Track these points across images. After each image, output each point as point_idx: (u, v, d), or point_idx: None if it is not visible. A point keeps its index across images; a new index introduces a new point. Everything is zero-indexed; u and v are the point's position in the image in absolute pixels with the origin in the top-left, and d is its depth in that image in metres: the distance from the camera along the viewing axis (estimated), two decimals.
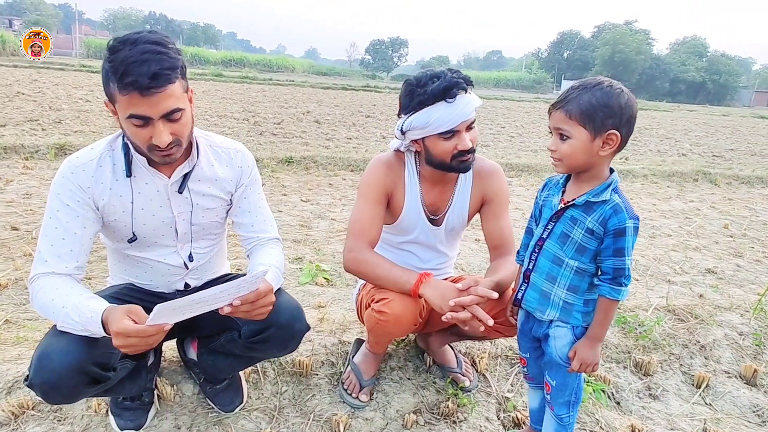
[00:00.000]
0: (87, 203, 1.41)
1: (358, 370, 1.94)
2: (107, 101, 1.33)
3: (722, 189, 7.36)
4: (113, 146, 1.47)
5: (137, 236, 1.52)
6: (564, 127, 1.29)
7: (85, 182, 1.40)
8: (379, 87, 30.81)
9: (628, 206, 1.29)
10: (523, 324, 1.55)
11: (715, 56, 76.10)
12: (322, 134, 9.66)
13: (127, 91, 1.23)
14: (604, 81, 1.27)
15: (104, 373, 1.34)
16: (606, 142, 1.27)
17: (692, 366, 2.35)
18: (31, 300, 1.35)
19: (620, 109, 1.25)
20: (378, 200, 1.76)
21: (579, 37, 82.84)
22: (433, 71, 1.66)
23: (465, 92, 1.62)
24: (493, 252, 1.83)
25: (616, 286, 1.31)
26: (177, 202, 1.53)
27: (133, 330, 1.16)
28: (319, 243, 3.77)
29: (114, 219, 1.48)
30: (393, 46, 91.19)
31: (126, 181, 1.45)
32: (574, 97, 1.27)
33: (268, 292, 1.34)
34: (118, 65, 1.23)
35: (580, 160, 1.31)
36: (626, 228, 1.27)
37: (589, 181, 1.34)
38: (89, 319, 1.24)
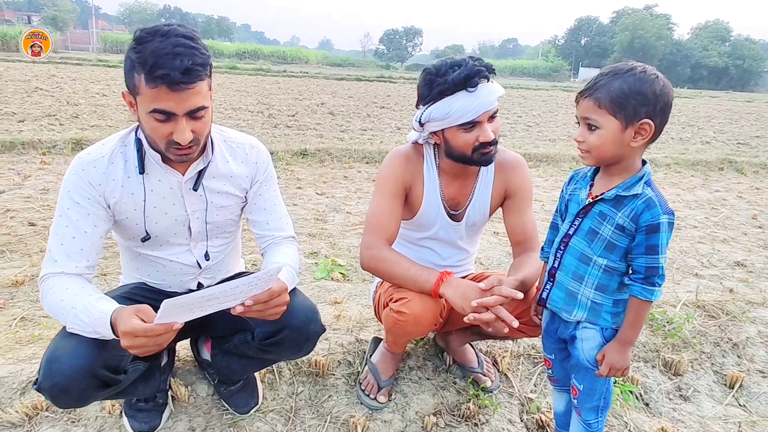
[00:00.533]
0: (98, 201, 1.37)
1: (375, 370, 1.89)
2: (126, 92, 1.29)
3: (749, 178, 7.13)
4: (125, 142, 1.43)
5: (150, 235, 1.48)
6: (592, 116, 1.20)
7: (96, 179, 1.36)
8: (393, 77, 30.62)
9: (662, 200, 1.20)
10: (548, 324, 1.47)
11: (739, 40, 74.09)
12: (336, 126, 9.59)
13: (156, 84, 1.19)
14: (637, 66, 1.17)
15: (114, 376, 1.30)
16: (638, 133, 1.18)
17: (724, 365, 2.25)
18: (42, 300, 1.32)
19: (655, 97, 1.15)
20: (396, 195, 1.69)
21: (597, 23, 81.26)
22: (453, 59, 1.57)
23: (487, 81, 1.53)
24: (515, 248, 1.75)
25: (649, 286, 1.22)
26: (191, 199, 1.48)
27: (141, 329, 1.11)
28: (335, 237, 3.71)
29: (125, 217, 1.43)
30: (407, 35, 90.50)
31: (138, 178, 1.41)
32: (604, 84, 1.17)
33: (282, 292, 1.28)
34: (148, 56, 1.18)
35: (610, 152, 1.22)
36: (660, 224, 1.18)
37: (619, 173, 1.25)
38: (98, 321, 1.19)
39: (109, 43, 44.74)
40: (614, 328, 1.32)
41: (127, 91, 1.29)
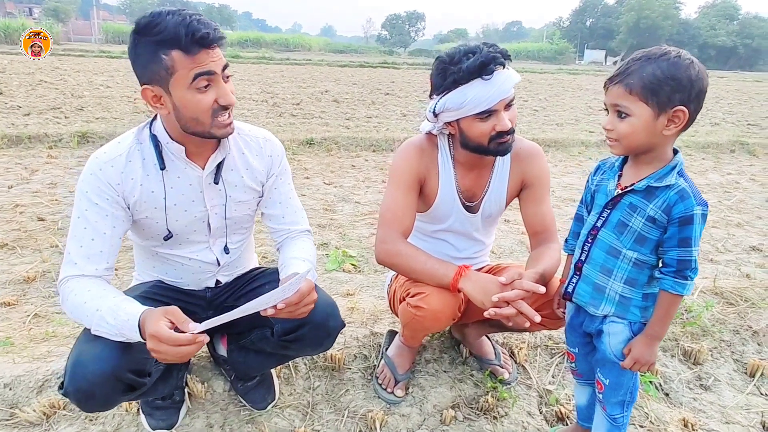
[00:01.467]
0: (117, 201, 1.35)
1: (392, 363, 1.87)
2: (150, 87, 1.26)
3: (761, 160, 7.03)
4: (140, 139, 1.40)
5: (172, 233, 1.46)
6: (623, 103, 1.15)
7: (114, 179, 1.33)
8: (396, 63, 30.35)
9: (695, 191, 1.16)
10: (572, 318, 1.44)
11: (747, 18, 72.73)
12: (341, 114, 9.52)
13: (196, 49, 1.21)
14: (671, 50, 1.11)
15: (140, 379, 1.29)
16: (671, 120, 1.13)
17: (744, 353, 2.21)
18: (62, 303, 1.30)
19: (690, 82, 1.10)
20: (410, 187, 1.65)
21: (603, 4, 79.99)
22: (467, 46, 1.52)
23: (503, 68, 1.48)
24: (533, 239, 1.71)
25: (681, 279, 1.18)
26: (210, 194, 1.46)
27: (167, 336, 1.10)
28: (345, 227, 3.69)
29: (145, 216, 1.41)
30: (410, 20, 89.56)
31: (157, 175, 1.39)
32: (636, 69, 1.12)
33: (311, 291, 1.27)
34: (176, 29, 1.18)
35: (641, 141, 1.17)
36: (694, 215, 1.14)
37: (650, 163, 1.20)
38: (125, 323, 1.17)
39: (111, 34, 44.50)
40: (643, 322, 1.29)
41: (150, 85, 1.25)
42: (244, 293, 1.61)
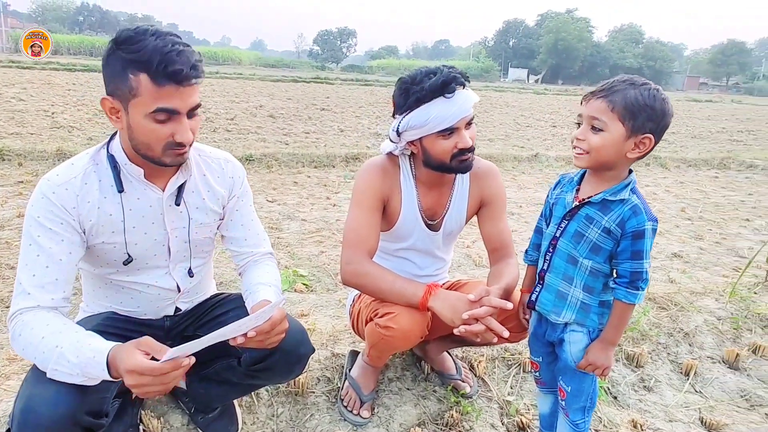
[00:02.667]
0: (72, 225, 1.26)
1: (357, 384, 1.85)
2: (111, 98, 1.20)
3: (672, 172, 7.68)
4: (96, 160, 1.32)
5: (132, 257, 1.37)
6: (602, 117, 1.22)
7: (69, 202, 1.25)
8: (330, 78, 30.44)
9: (646, 207, 1.26)
10: (536, 328, 1.50)
11: (651, 42, 79.83)
12: (278, 129, 9.41)
13: (164, 81, 1.14)
14: (650, 83, 1.22)
15: (98, 421, 1.19)
16: (638, 145, 1.22)
17: (679, 354, 2.39)
18: (13, 340, 1.17)
19: (662, 115, 1.20)
20: (374, 207, 1.66)
21: (524, 26, 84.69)
22: (427, 68, 1.58)
23: (462, 87, 1.55)
24: (492, 255, 1.77)
25: (633, 289, 1.27)
26: (171, 216, 1.40)
27: (148, 368, 1.02)
28: (293, 246, 3.63)
29: (102, 241, 1.32)
30: (341, 36, 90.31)
31: (115, 197, 1.31)
32: (620, 89, 1.21)
33: (283, 320, 1.24)
34: (152, 54, 1.12)
35: (607, 157, 1.25)
36: (645, 230, 1.24)
37: (608, 180, 1.29)
38: (90, 360, 1.08)
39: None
40: (600, 328, 1.37)
41: (112, 97, 1.19)
42: (207, 321, 1.55)
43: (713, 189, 6.64)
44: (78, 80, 16.98)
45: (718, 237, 4.48)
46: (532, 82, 63.55)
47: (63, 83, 15.29)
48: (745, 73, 79.39)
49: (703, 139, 12.36)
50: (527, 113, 16.64)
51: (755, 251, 4.06)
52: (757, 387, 2.21)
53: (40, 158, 5.57)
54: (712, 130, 14.69)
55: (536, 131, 11.99)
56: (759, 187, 6.92)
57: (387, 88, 26.48)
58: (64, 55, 41.26)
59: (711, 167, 8.20)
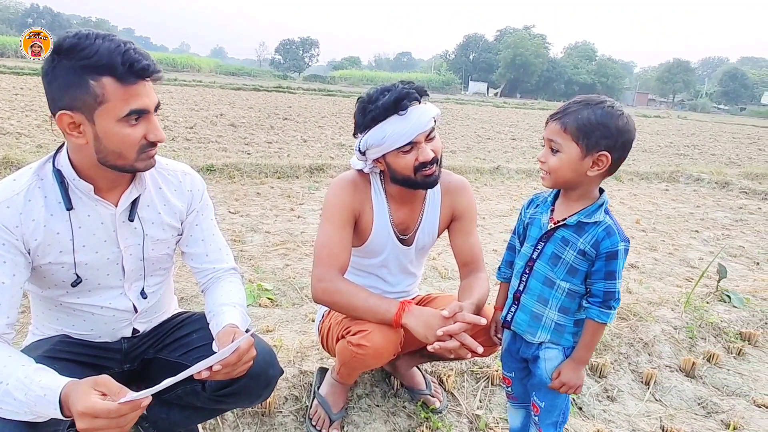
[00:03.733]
0: (15, 246, 1.17)
1: (326, 402, 1.81)
2: (69, 113, 1.12)
3: (626, 185, 7.97)
4: (41, 175, 1.23)
5: (81, 278, 1.29)
6: (557, 139, 1.26)
7: (12, 221, 1.16)
8: (291, 88, 30.30)
9: (619, 228, 1.28)
10: (509, 344, 1.51)
11: (603, 60, 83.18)
12: (239, 138, 9.25)
13: (133, 80, 1.11)
14: (607, 101, 1.24)
15: None
16: (596, 163, 1.25)
17: (639, 364, 2.46)
18: None
19: (617, 132, 1.22)
20: (345, 223, 1.64)
21: (483, 41, 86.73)
22: (384, 85, 1.58)
23: (418, 103, 1.54)
24: (463, 269, 1.77)
25: (606, 309, 1.30)
26: (124, 233, 1.32)
27: (104, 410, 0.95)
28: (257, 259, 3.55)
29: (49, 261, 1.24)
30: (304, 46, 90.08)
31: (63, 215, 1.23)
32: (574, 110, 1.23)
33: (250, 348, 1.19)
34: (109, 56, 1.08)
35: (567, 177, 1.28)
36: (618, 251, 1.26)
37: (578, 200, 1.32)
38: (41, 398, 1.00)
39: None
40: (575, 346, 1.38)
41: (70, 111, 1.12)
42: (169, 342, 1.48)
43: (664, 201, 6.93)
44: (26, 84, 16.25)
45: (670, 248, 4.67)
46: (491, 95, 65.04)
47: (9, 87, 14.60)
48: (690, 90, 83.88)
49: (653, 153, 12.92)
50: (487, 126, 17.00)
51: (705, 261, 4.26)
52: (712, 394, 2.29)
53: None
54: (660, 144, 15.40)
55: (497, 143, 12.25)
56: (705, 199, 7.27)
57: (350, 98, 26.55)
58: (11, 57, 39.44)
59: (661, 180, 8.56)
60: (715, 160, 12.20)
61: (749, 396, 2.29)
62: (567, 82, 77.85)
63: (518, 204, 6.07)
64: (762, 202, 7.28)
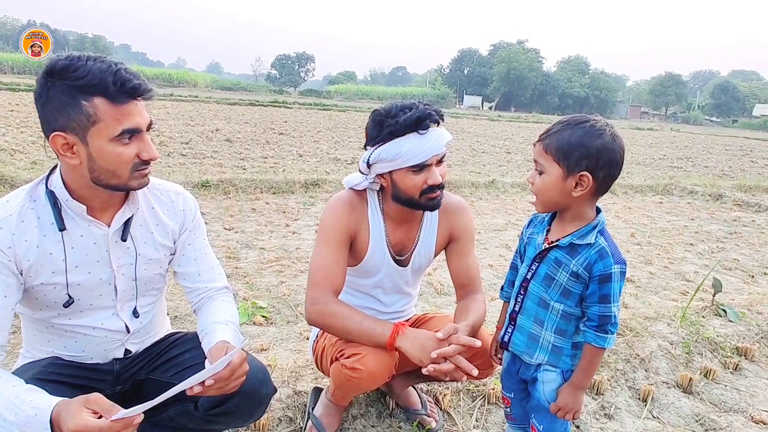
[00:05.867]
0: (7, 267, 1.18)
1: (320, 424, 1.79)
2: (62, 134, 1.14)
3: (621, 198, 8.00)
4: (34, 196, 1.25)
5: (74, 298, 1.29)
6: (540, 160, 1.27)
7: (5, 242, 1.17)
8: (288, 102, 30.44)
9: (614, 250, 1.27)
10: (509, 365, 1.49)
11: (596, 73, 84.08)
12: (235, 154, 9.26)
13: (124, 99, 1.13)
14: (589, 120, 1.24)
15: None
16: (579, 183, 1.24)
17: (636, 380, 2.44)
18: None
19: (597, 152, 1.21)
20: (341, 244, 1.63)
21: (477, 55, 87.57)
22: (403, 102, 1.57)
23: (437, 125, 1.55)
24: (459, 290, 1.76)
25: (602, 333, 1.28)
26: (117, 253, 1.33)
27: (96, 427, 0.95)
28: (251, 276, 3.53)
29: (41, 282, 1.24)
30: (299, 61, 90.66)
31: (56, 235, 1.24)
32: (556, 131, 1.24)
33: (243, 363, 1.18)
34: (101, 77, 1.10)
35: (553, 199, 1.28)
36: (612, 273, 1.24)
37: (572, 221, 1.31)
38: (31, 419, 1.00)
39: None
40: (573, 370, 1.37)
41: (64, 132, 1.14)
42: (161, 363, 1.47)
43: (659, 214, 6.95)
44: (22, 100, 16.26)
45: (666, 261, 4.68)
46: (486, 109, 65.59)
47: (5, 103, 14.60)
48: (682, 103, 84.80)
49: (647, 165, 13.01)
50: (482, 139, 17.10)
51: (700, 275, 4.27)
52: (710, 411, 2.28)
53: None
54: (654, 156, 15.50)
55: (492, 157, 12.31)
56: (699, 212, 7.31)
57: (345, 113, 26.69)
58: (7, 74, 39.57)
59: (656, 193, 8.61)
60: (709, 173, 12.28)
61: (747, 412, 2.28)
62: (561, 96, 78.54)
63: (513, 218, 6.08)
64: (755, 214, 7.33)
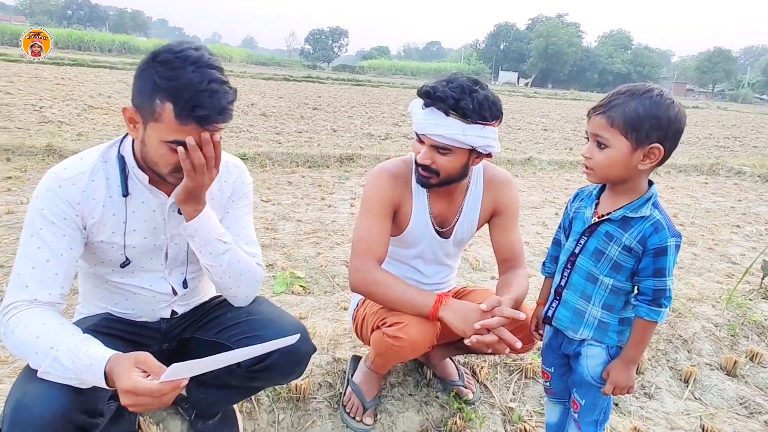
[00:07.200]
0: (74, 221, 1.23)
1: (359, 390, 1.82)
2: (133, 110, 1.17)
3: (663, 178, 7.74)
4: (106, 158, 1.29)
5: (129, 260, 1.35)
6: (603, 134, 1.20)
7: (75, 198, 1.22)
8: (321, 78, 30.36)
9: (669, 223, 1.23)
10: (551, 340, 1.48)
11: (639, 49, 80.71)
12: (270, 128, 9.34)
13: (188, 121, 1.12)
14: (654, 89, 1.18)
15: (92, 420, 1.15)
16: (647, 156, 1.19)
17: (678, 360, 2.40)
18: (5, 335, 1.14)
19: (668, 122, 1.16)
20: (384, 215, 1.63)
21: (514, 29, 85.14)
22: (454, 75, 1.51)
23: (445, 114, 1.44)
24: (502, 265, 1.74)
25: (656, 307, 1.24)
26: (173, 223, 1.37)
27: (146, 389, 1.00)
28: (289, 247, 3.59)
29: (101, 240, 1.30)
30: (333, 36, 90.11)
31: (120, 199, 1.29)
32: (620, 103, 1.17)
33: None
34: (183, 89, 1.10)
35: (616, 173, 1.23)
36: (668, 247, 1.20)
37: (626, 193, 1.26)
38: (87, 368, 1.05)
39: (8, 36, 40.82)
40: (619, 345, 1.34)
41: (135, 109, 1.17)
42: (206, 322, 1.52)
43: (703, 195, 6.70)
44: (66, 74, 16.74)
45: (710, 243, 4.52)
46: (522, 85, 63.92)
47: (51, 77, 15.05)
48: (730, 80, 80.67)
49: (692, 144, 12.51)
50: (518, 116, 16.72)
51: (747, 257, 4.11)
52: (755, 394, 2.22)
53: (28, 153, 5.46)
54: (699, 136, 14.88)
55: (527, 134, 12.05)
56: (747, 193, 7.01)
57: (379, 88, 26.49)
58: (52, 49, 40.63)
59: (700, 173, 8.29)
60: (758, 153, 11.73)
61: None
62: (601, 72, 75.82)
63: (550, 196, 5.97)
64: None
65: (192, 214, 1.30)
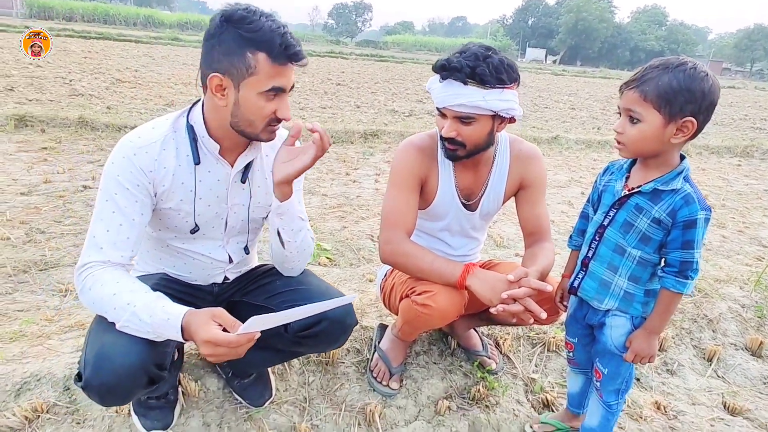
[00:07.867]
0: (146, 188, 1.30)
1: (386, 357, 1.89)
2: (221, 76, 1.22)
3: (694, 159, 7.56)
4: (176, 127, 1.35)
5: (199, 226, 1.43)
6: (636, 108, 1.20)
7: (148, 165, 1.29)
8: (344, 53, 30.13)
9: (699, 196, 1.23)
10: (575, 311, 1.51)
11: (674, 25, 77.80)
12: (294, 103, 9.36)
13: (283, 61, 1.21)
14: (687, 62, 1.17)
15: (161, 372, 1.27)
16: (680, 129, 1.19)
17: (702, 340, 2.40)
18: (82, 292, 1.23)
19: (702, 95, 1.16)
20: (412, 188, 1.67)
21: (544, 4, 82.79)
22: (468, 47, 1.50)
23: (464, 83, 1.44)
24: (528, 238, 1.76)
25: (682, 279, 1.26)
26: (235, 193, 1.44)
27: (225, 340, 1.10)
28: (315, 220, 3.66)
29: (169, 207, 1.37)
30: (357, 10, 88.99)
31: (189, 167, 1.35)
32: (653, 77, 1.17)
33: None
34: (270, 36, 1.19)
35: (648, 147, 1.24)
36: (697, 219, 1.21)
37: (657, 167, 1.27)
38: (164, 322, 1.15)
39: (35, 8, 41.37)
40: (644, 316, 1.37)
41: (221, 74, 1.22)
42: (254, 288, 1.60)
43: (736, 177, 6.55)
44: (93, 48, 16.97)
45: (740, 225, 4.44)
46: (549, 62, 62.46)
47: (78, 51, 15.29)
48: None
49: (725, 126, 12.12)
50: (545, 94, 16.40)
51: None
52: None
53: (62, 125, 5.61)
54: (734, 117, 14.39)
55: (554, 113, 11.84)
56: None
57: (402, 64, 26.18)
58: (78, 22, 41.12)
59: (734, 155, 8.07)
60: None
61: None
62: (633, 50, 73.48)
63: (577, 175, 5.91)
64: None
65: (288, 195, 1.37)
